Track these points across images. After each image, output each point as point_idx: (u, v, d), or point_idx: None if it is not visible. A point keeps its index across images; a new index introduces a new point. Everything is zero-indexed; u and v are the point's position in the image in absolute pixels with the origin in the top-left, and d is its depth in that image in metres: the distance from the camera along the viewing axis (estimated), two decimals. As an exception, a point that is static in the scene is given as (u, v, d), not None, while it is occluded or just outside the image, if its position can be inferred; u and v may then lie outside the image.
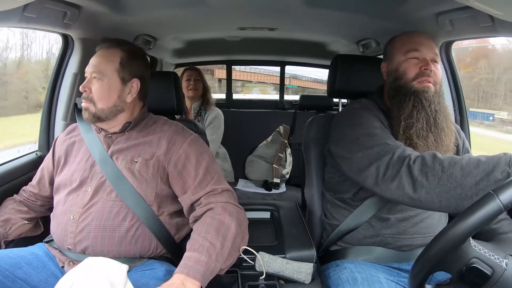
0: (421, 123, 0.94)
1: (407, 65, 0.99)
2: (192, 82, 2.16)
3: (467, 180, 0.74)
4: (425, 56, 0.97)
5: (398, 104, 0.98)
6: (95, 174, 0.97)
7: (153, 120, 1.06)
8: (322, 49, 2.26)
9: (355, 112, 1.02)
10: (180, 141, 0.98)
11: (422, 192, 0.78)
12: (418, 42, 0.99)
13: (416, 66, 0.98)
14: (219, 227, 0.84)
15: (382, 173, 0.85)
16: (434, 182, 0.77)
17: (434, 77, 0.97)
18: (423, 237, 0.98)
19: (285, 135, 2.45)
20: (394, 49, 1.03)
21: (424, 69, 0.96)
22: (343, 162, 0.97)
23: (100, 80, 0.96)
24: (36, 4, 0.99)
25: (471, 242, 0.60)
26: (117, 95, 0.98)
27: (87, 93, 0.96)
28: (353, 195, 1.03)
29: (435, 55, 0.99)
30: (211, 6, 1.34)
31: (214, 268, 0.78)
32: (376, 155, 0.87)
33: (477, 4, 0.76)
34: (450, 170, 0.76)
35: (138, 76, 1.00)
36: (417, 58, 0.98)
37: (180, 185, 0.96)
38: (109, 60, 0.98)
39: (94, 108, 0.96)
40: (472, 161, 0.76)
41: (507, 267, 0.59)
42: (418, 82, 0.97)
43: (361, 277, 0.89)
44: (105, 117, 0.97)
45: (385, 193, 0.85)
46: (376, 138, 0.91)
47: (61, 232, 0.93)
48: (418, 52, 0.98)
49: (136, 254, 0.93)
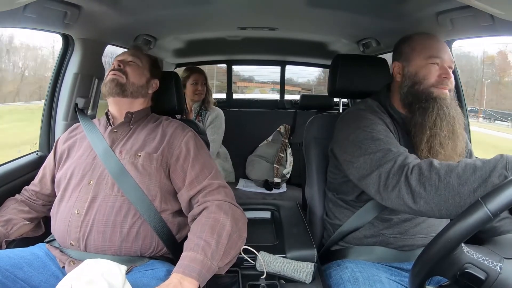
0: (445, 131, 0.94)
1: (428, 71, 0.98)
2: (199, 87, 2.13)
3: (464, 188, 0.72)
4: (445, 64, 0.97)
5: (422, 112, 0.96)
6: (97, 167, 0.98)
7: (156, 118, 1.13)
8: (323, 49, 2.26)
9: (360, 114, 1.01)
10: (181, 136, 1.03)
11: (421, 203, 0.77)
12: (439, 49, 0.99)
13: (436, 73, 0.97)
14: (214, 225, 0.85)
15: (383, 182, 0.84)
16: (432, 192, 0.76)
17: (450, 85, 0.98)
18: (425, 237, 0.98)
19: (286, 135, 2.45)
20: (414, 51, 1.01)
21: (444, 77, 0.96)
22: (346, 165, 0.96)
23: (136, 65, 1.10)
24: (36, 5, 0.99)
25: (464, 248, 0.61)
26: (146, 80, 1.11)
27: (122, 67, 1.07)
28: (356, 197, 1.02)
29: (451, 62, 0.99)
30: (211, 6, 1.34)
31: (210, 266, 0.79)
32: (378, 162, 0.86)
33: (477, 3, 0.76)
34: (446, 179, 0.75)
35: (158, 78, 1.17)
36: (437, 64, 0.98)
37: (180, 178, 0.98)
38: (143, 56, 1.14)
39: (125, 80, 1.06)
40: (469, 167, 0.74)
41: (501, 270, 0.59)
42: (437, 88, 0.96)
43: (362, 276, 0.89)
44: (130, 93, 1.06)
45: (386, 202, 0.84)
46: (379, 143, 0.90)
47: (64, 228, 0.94)
48: (439, 59, 0.97)
49: (138, 252, 0.94)
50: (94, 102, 1.50)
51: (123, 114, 1.08)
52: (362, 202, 1.01)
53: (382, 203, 0.86)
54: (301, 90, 4.79)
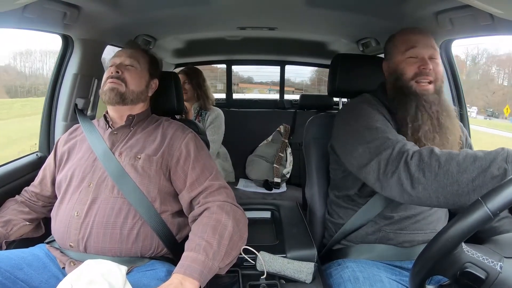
0: (427, 124, 0.94)
1: (405, 65, 0.98)
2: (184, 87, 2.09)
3: (463, 176, 0.73)
4: (423, 54, 0.97)
5: (402, 106, 0.97)
6: (97, 169, 0.98)
7: (156, 119, 1.12)
8: (322, 49, 2.26)
9: (357, 106, 1.02)
10: (181, 137, 1.03)
11: (420, 188, 0.78)
12: (415, 40, 0.99)
13: (415, 66, 0.97)
14: (216, 226, 0.85)
15: (383, 169, 0.84)
16: (430, 178, 0.77)
17: (433, 75, 0.97)
18: (424, 233, 0.98)
19: (286, 135, 2.45)
20: (393, 47, 1.03)
21: (423, 69, 0.96)
22: (345, 156, 0.97)
23: (134, 68, 1.07)
24: (36, 5, 0.99)
25: (464, 247, 0.61)
26: (145, 85, 1.10)
27: (120, 74, 1.04)
28: (359, 191, 1.02)
29: (433, 51, 0.98)
30: (211, 6, 1.34)
31: (211, 267, 0.79)
32: (376, 150, 0.87)
33: (477, 2, 0.76)
34: (446, 166, 0.76)
35: (157, 78, 1.15)
36: (415, 57, 0.98)
37: (181, 180, 0.98)
38: (142, 55, 1.11)
39: (124, 88, 1.04)
40: (469, 156, 0.75)
41: (501, 270, 0.59)
42: (416, 82, 0.96)
43: (363, 276, 0.89)
44: (130, 100, 1.05)
45: (385, 190, 0.84)
46: (376, 131, 0.90)
47: (63, 229, 0.93)
48: (416, 50, 0.97)
49: (138, 253, 0.93)
50: (94, 102, 1.50)
51: (123, 118, 1.07)
52: (364, 198, 1.01)
53: (382, 192, 0.86)
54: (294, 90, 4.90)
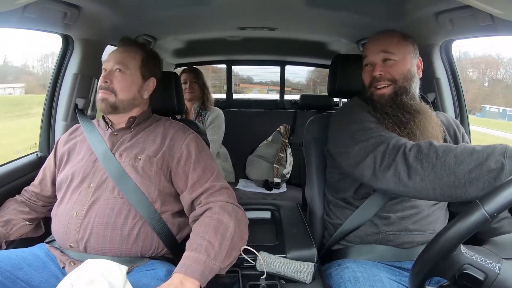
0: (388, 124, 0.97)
1: (364, 73, 1.05)
2: (187, 86, 2.13)
3: (460, 168, 0.74)
4: (374, 60, 1.01)
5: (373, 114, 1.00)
6: (97, 170, 0.98)
7: (157, 119, 1.11)
8: (322, 49, 2.26)
9: (350, 109, 1.07)
10: (182, 138, 1.02)
11: (417, 179, 0.79)
12: (366, 49, 1.04)
13: (370, 73, 1.02)
14: (218, 226, 0.85)
15: (378, 163, 0.86)
16: (428, 168, 0.78)
17: (389, 76, 0.99)
18: (424, 234, 0.98)
19: (286, 135, 2.45)
20: None
21: (373, 76, 1.00)
22: (341, 157, 0.98)
23: (123, 73, 1.02)
24: (36, 5, 0.99)
25: (462, 249, 0.61)
26: (137, 89, 1.05)
27: (108, 83, 1.01)
28: (354, 193, 1.03)
29: (386, 54, 1.00)
30: (211, 6, 1.34)
31: (212, 267, 0.79)
32: (372, 147, 0.89)
33: (477, 3, 0.76)
34: (444, 157, 0.77)
35: (154, 76, 1.09)
36: (370, 64, 1.02)
37: (182, 181, 0.97)
38: (132, 56, 1.05)
39: (114, 98, 1.01)
40: (467, 149, 0.76)
41: (500, 271, 0.59)
42: (374, 88, 1.01)
43: (363, 276, 0.89)
44: (122, 109, 1.03)
45: (381, 184, 0.86)
46: (371, 131, 0.93)
47: (63, 229, 0.93)
48: (368, 58, 1.03)
49: (138, 253, 0.93)
50: (94, 102, 1.50)
51: (121, 122, 1.06)
52: (360, 199, 1.02)
53: (377, 186, 0.87)
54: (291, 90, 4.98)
